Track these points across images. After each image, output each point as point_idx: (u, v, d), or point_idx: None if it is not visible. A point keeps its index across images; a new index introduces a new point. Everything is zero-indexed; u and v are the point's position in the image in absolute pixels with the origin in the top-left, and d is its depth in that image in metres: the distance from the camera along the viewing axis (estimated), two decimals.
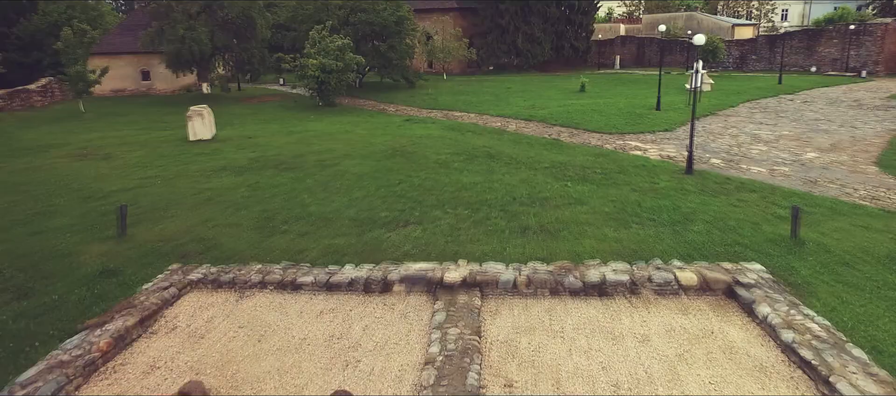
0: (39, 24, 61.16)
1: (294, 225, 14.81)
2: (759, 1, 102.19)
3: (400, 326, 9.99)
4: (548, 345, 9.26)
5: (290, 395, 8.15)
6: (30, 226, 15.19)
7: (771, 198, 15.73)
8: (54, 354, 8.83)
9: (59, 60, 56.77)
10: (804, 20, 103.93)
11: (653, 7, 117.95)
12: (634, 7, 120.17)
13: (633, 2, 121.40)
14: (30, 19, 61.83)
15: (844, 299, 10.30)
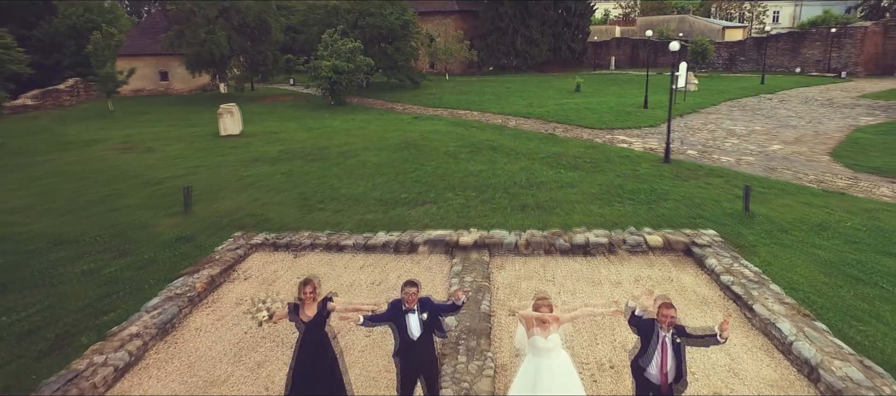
0: (59, 27, 63.73)
1: (329, 205, 17.59)
2: (751, 3, 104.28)
3: (426, 275, 12.75)
4: (542, 288, 12.02)
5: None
6: (105, 205, 17.95)
7: (733, 182, 18.49)
8: (165, 292, 11.60)
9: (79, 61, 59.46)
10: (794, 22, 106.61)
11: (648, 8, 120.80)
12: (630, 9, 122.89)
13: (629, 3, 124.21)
14: (50, 22, 64.37)
15: (777, 255, 13.10)
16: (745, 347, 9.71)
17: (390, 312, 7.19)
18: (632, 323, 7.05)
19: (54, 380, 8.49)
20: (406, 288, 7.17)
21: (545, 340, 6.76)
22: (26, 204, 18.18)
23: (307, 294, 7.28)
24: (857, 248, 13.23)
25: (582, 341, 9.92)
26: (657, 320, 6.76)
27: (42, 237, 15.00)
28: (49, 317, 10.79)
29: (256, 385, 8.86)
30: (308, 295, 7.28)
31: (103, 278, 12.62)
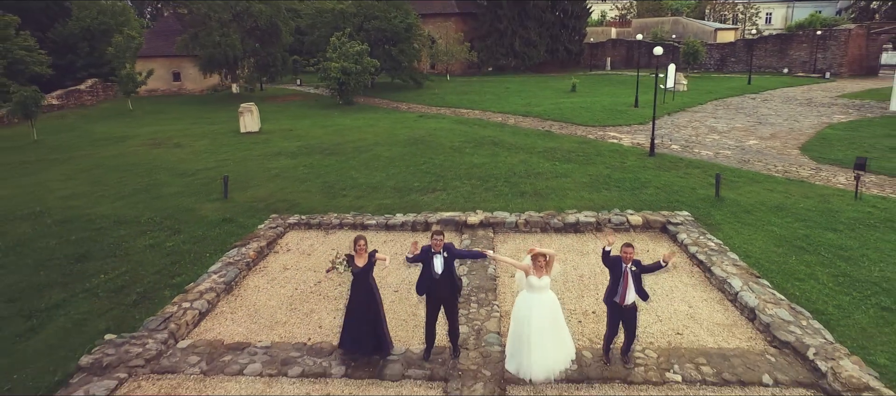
0: (73, 29, 65.90)
1: (350, 192, 19.88)
2: (744, 5, 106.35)
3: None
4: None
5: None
6: (150, 193, 20.23)
7: (709, 172, 20.75)
8: (223, 259, 13.89)
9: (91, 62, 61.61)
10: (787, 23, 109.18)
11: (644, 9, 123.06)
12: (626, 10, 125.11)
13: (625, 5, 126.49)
14: (64, 24, 66.52)
15: (739, 231, 15.40)
16: (703, 300, 12.00)
17: (423, 254, 9.46)
18: (604, 258, 9.36)
19: (154, 319, 10.80)
20: (435, 236, 9.46)
21: (538, 280, 9.03)
22: (81, 192, 20.46)
23: (360, 246, 9.56)
24: (806, 225, 15.53)
25: (571, 296, 12.19)
26: (621, 257, 9.08)
27: (105, 218, 17.28)
28: (131, 279, 13.10)
29: (310, 327, 11.14)
30: (361, 247, 9.56)
31: (166, 250, 14.91)
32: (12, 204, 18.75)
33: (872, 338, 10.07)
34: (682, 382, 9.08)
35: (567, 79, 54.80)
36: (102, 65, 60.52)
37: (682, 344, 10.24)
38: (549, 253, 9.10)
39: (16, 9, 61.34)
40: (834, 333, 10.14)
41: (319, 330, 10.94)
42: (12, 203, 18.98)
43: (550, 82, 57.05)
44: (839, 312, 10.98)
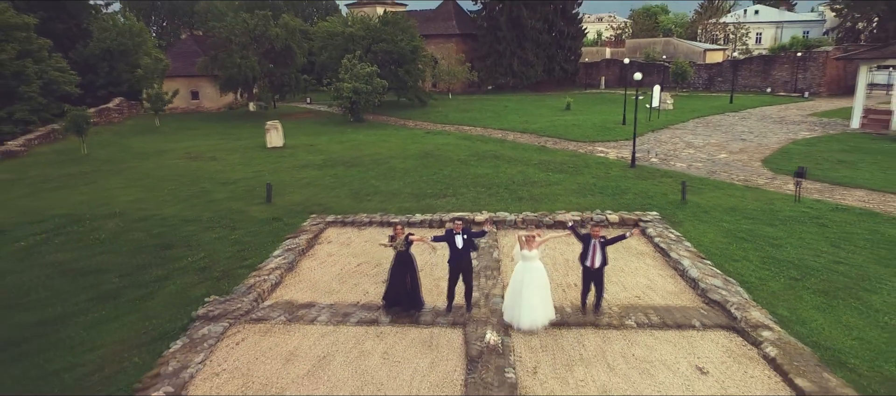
0: (94, 49, 69.43)
1: (374, 197, 23.41)
2: (734, 25, 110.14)
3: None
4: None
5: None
6: (202, 198, 23.74)
7: (680, 180, 24.25)
8: (281, 248, 17.38)
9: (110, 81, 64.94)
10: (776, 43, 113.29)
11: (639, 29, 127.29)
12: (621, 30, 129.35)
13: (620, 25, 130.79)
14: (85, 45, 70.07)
15: (696, 226, 18.92)
16: (660, 275, 15.49)
17: (446, 235, 12.96)
18: (578, 236, 12.89)
19: (240, 287, 14.31)
20: (455, 220, 12.99)
21: (529, 253, 12.51)
22: (143, 197, 23.96)
23: (398, 229, 13.09)
24: (751, 222, 19.07)
25: (559, 274, 15.66)
26: (591, 234, 12.61)
27: (173, 217, 20.80)
28: (211, 261, 16.60)
29: (357, 294, 14.59)
30: (399, 230, 13.08)
31: (231, 241, 18.41)
32: (92, 207, 22.23)
33: (779, 298, 13.56)
34: (635, 326, 12.56)
35: (562, 98, 58.38)
36: (121, 83, 64.05)
37: (639, 304, 13.74)
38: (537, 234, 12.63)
39: (41, 31, 65.02)
40: (752, 295, 13.63)
41: (365, 296, 14.40)
42: (91, 205, 22.47)
43: (547, 101, 60.75)
44: (759, 281, 14.48)
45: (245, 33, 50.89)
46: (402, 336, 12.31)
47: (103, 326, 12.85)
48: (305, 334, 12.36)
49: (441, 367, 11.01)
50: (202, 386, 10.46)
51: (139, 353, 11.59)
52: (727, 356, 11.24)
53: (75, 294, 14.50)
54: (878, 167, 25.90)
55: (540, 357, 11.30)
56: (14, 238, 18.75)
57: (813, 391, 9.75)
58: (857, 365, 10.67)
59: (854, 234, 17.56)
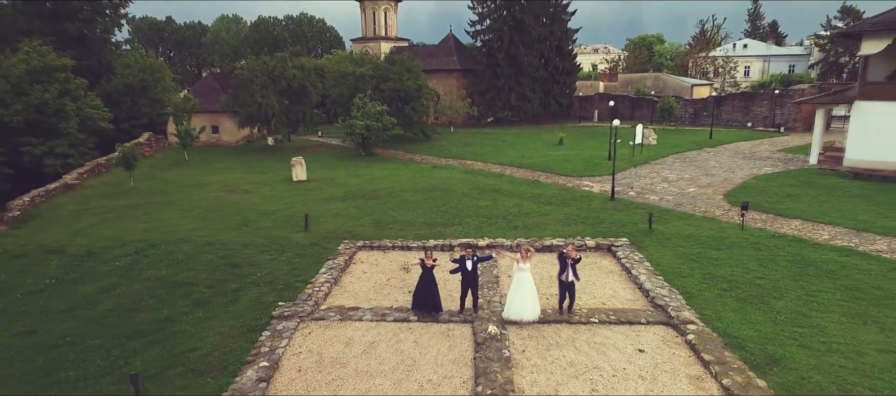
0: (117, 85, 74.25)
1: (393, 226, 27.99)
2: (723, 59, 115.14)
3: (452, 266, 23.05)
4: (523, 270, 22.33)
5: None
6: (249, 227, 28.30)
7: (649, 211, 28.85)
8: (325, 266, 21.93)
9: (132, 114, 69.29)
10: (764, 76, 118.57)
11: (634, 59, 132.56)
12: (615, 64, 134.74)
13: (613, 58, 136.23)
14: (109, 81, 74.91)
15: (658, 250, 23.48)
16: (623, 288, 20.03)
17: (459, 260, 17.53)
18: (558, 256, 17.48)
19: (301, 296, 18.85)
20: (466, 249, 17.61)
21: (523, 265, 17.07)
22: (197, 225, 28.54)
23: (427, 254, 17.68)
24: (701, 246, 23.65)
25: (544, 286, 20.16)
26: (566, 254, 17.19)
27: (231, 243, 25.35)
28: (272, 277, 21.13)
29: (390, 301, 19.07)
30: (428, 254, 17.67)
31: (283, 262, 22.96)
32: (161, 234, 26.79)
33: (708, 303, 18.10)
34: (598, 322, 17.08)
35: (556, 132, 63.20)
36: (141, 117, 68.94)
37: (603, 308, 18.27)
38: (530, 248, 17.23)
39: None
40: (689, 302, 18.14)
41: (396, 302, 18.89)
42: (160, 233, 27.02)
43: (542, 134, 65.57)
44: (697, 292, 19.02)
45: (265, 74, 55.76)
46: (426, 329, 16.82)
47: (205, 323, 17.39)
48: (356, 328, 16.87)
49: (457, 349, 15.52)
50: (290, 361, 14.98)
51: (238, 341, 16.10)
52: (661, 342, 15.77)
53: (176, 301, 19.07)
54: (817, 200, 30.55)
55: (527, 343, 15.81)
56: (108, 258, 23.32)
57: (712, 361, 14.27)
58: (751, 347, 15.18)
59: (779, 256, 22.15)
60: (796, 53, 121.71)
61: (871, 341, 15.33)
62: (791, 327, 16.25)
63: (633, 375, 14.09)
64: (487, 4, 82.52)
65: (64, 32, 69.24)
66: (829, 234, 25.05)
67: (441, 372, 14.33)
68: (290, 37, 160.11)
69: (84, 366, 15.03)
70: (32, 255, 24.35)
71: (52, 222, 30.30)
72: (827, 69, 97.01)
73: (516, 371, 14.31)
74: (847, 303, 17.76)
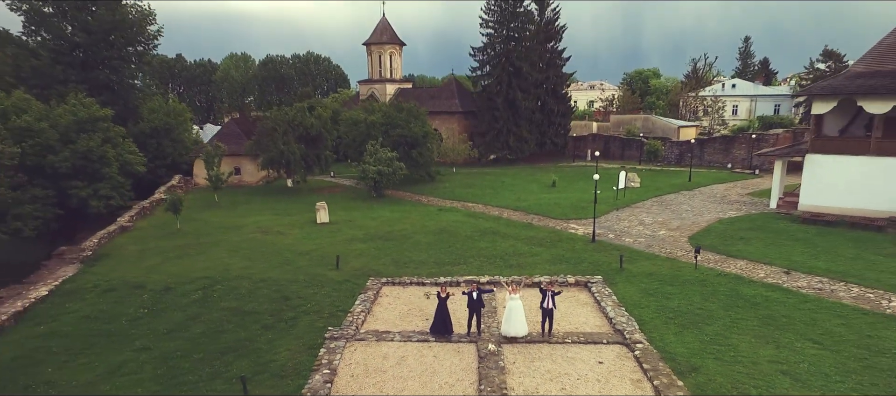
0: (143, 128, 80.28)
1: (409, 265, 33.73)
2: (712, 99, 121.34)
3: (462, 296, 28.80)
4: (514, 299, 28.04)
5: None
6: (290, 265, 34.02)
7: (622, 252, 34.57)
8: (358, 299, 27.66)
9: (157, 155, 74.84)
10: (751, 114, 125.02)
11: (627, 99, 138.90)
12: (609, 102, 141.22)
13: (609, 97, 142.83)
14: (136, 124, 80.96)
15: (625, 287, 29.20)
16: (593, 316, 25.74)
17: (468, 293, 23.31)
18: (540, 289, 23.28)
19: (344, 322, 24.58)
20: (472, 284, 23.41)
21: (514, 296, 22.84)
22: (246, 264, 34.26)
23: (443, 288, 23.47)
24: (660, 283, 29.40)
25: (532, 313, 25.85)
26: (545, 287, 22.98)
27: (279, 279, 31.06)
28: (318, 307, 26.85)
29: (414, 326, 24.76)
30: (444, 288, 23.46)
31: (324, 295, 28.69)
32: (219, 271, 32.54)
33: (656, 329, 23.80)
34: (570, 342, 22.80)
35: (550, 173, 69.21)
36: (165, 157, 75.03)
37: (576, 332, 23.98)
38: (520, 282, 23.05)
39: None
40: (641, 327, 23.84)
41: (418, 327, 24.60)
42: (217, 270, 32.77)
43: (537, 175, 71.60)
44: (649, 319, 24.74)
45: (286, 123, 61.90)
46: (442, 347, 22.55)
47: (275, 342, 23.12)
48: (389, 346, 22.59)
49: (465, 361, 21.22)
50: (344, 369, 20.68)
51: (303, 355, 21.81)
52: (616, 356, 21.49)
53: (249, 325, 24.81)
54: (764, 243, 36.34)
55: (517, 357, 21.53)
56: (183, 292, 29.08)
57: (649, 369, 19.99)
58: (680, 359, 20.89)
59: (719, 291, 27.91)
60: (782, 94, 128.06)
61: (767, 355, 21.06)
62: (712, 345, 21.99)
63: (592, 379, 19.80)
64: (487, 52, 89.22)
65: (95, 80, 75.36)
66: (764, 273, 30.83)
67: (454, 378, 20.03)
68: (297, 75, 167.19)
69: (197, 373, 20.75)
70: (120, 290, 30.08)
71: (122, 261, 36.02)
72: (809, 109, 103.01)
73: (508, 376, 20.01)
74: (759, 328, 23.52)
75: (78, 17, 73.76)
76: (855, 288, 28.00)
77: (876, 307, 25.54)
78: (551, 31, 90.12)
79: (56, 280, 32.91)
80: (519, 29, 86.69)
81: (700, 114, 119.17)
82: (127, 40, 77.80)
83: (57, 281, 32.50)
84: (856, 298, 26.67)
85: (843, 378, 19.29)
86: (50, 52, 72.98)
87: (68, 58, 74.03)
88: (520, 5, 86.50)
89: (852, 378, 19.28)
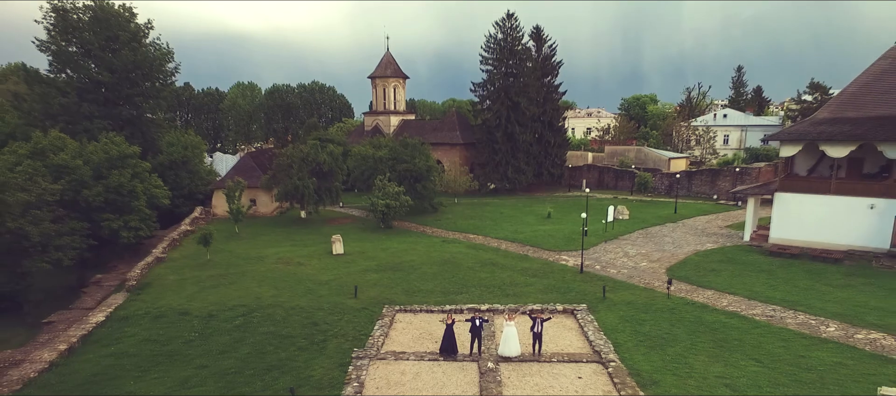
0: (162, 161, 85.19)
1: (418, 293, 38.45)
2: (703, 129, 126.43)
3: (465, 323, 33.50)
4: (510, 325, 32.71)
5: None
6: (314, 294, 38.72)
7: (606, 283, 39.22)
8: (377, 324, 32.37)
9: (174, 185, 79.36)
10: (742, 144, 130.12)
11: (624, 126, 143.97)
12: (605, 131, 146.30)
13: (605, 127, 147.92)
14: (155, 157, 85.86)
15: (606, 314, 33.90)
16: (577, 339, 30.43)
17: (472, 320, 28.06)
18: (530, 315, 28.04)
19: (367, 343, 29.29)
20: (475, 313, 28.18)
21: (509, 323, 27.59)
22: (275, 293, 38.93)
23: (449, 315, 28.23)
24: (637, 311, 34.09)
25: (524, 336, 30.52)
26: (533, 314, 27.74)
27: (306, 307, 35.73)
28: (342, 332, 31.56)
29: (425, 348, 29.46)
30: (448, 316, 28.21)
31: (346, 321, 33.37)
32: (251, 300, 37.20)
33: (628, 350, 28.48)
34: (556, 361, 27.49)
35: (547, 204, 74.06)
36: (182, 188, 79.93)
37: (562, 352, 28.67)
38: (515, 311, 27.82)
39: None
40: (616, 348, 28.53)
41: (429, 349, 29.27)
42: (249, 299, 37.42)
43: (534, 206, 76.52)
44: (624, 342, 29.40)
45: (300, 159, 66.89)
46: (449, 365, 27.25)
47: (311, 361, 27.82)
48: (405, 364, 27.29)
49: (468, 377, 25.89)
50: (370, 382, 25.35)
51: (335, 371, 26.50)
52: (592, 373, 26.18)
53: (287, 347, 29.52)
54: (732, 274, 41.09)
55: (511, 373, 26.22)
56: (225, 319, 33.78)
57: (619, 383, 24.68)
58: (644, 375, 25.57)
59: (685, 318, 32.63)
60: (771, 124, 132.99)
61: (716, 372, 25.77)
62: (672, 364, 26.71)
63: (572, 391, 24.51)
64: (487, 87, 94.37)
65: (118, 115, 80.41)
66: (727, 301, 35.56)
67: (460, 390, 24.72)
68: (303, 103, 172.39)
69: (250, 385, 25.44)
70: (169, 316, 34.80)
71: (164, 290, 40.73)
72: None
73: (504, 389, 24.71)
74: (714, 349, 28.24)
75: (102, 57, 78.71)
76: (801, 315, 32.72)
77: (815, 331, 30.27)
78: (548, 67, 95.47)
79: (108, 307, 37.66)
80: (517, 65, 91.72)
81: (692, 144, 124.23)
82: (147, 77, 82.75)
83: (110, 308, 37.24)
84: (800, 324, 31.39)
85: (773, 389, 24.00)
86: (75, 89, 77.76)
87: (93, 95, 78.79)
88: (518, 43, 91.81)
89: (780, 389, 23.99)
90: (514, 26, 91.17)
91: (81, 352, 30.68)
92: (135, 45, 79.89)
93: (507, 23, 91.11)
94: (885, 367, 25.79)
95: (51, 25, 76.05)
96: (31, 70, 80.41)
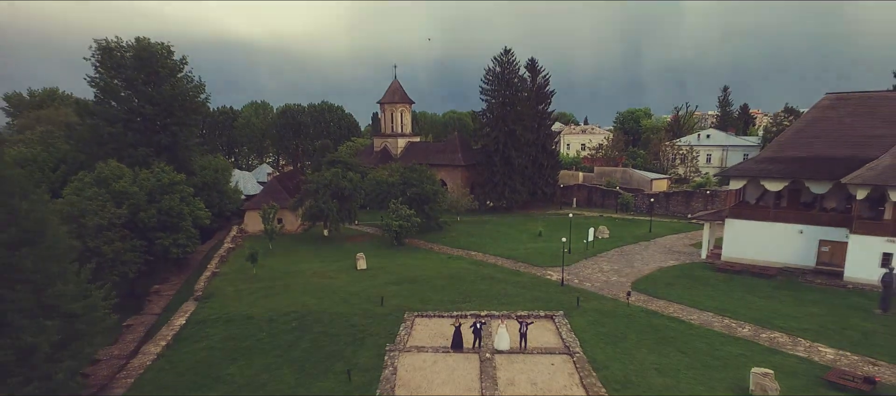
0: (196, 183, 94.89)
1: (431, 302, 48.34)
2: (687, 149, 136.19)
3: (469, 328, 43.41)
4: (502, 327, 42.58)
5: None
6: (349, 302, 48.58)
7: (580, 294, 49.03)
8: (402, 326, 42.31)
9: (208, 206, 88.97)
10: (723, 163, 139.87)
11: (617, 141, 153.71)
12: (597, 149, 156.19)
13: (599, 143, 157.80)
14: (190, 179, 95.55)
15: (579, 319, 43.77)
16: (553, 338, 40.30)
17: (474, 325, 38.03)
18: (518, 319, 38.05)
19: (396, 341, 39.26)
20: (477, 318, 38.23)
21: (503, 326, 37.55)
22: (317, 301, 48.75)
23: (457, 319, 38.20)
24: (602, 316, 43.95)
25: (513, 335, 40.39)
26: (520, 319, 37.73)
27: (346, 312, 45.59)
28: (376, 332, 41.43)
29: (438, 343, 39.33)
30: (457, 319, 38.18)
31: (378, 322, 43.24)
32: (299, 306, 47.03)
33: (590, 345, 38.33)
34: (536, 354, 37.41)
35: (538, 222, 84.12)
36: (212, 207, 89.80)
37: (541, 348, 38.58)
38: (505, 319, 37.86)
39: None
40: (582, 345, 38.41)
41: (443, 345, 39.13)
42: (298, 306, 47.26)
43: (528, 224, 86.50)
44: (587, 339, 39.25)
45: (325, 186, 76.94)
46: (458, 356, 37.15)
47: (356, 353, 37.70)
48: (426, 356, 37.19)
49: (472, 364, 35.79)
50: (401, 368, 35.22)
51: (374, 360, 36.39)
52: (562, 361, 36.09)
53: (335, 343, 39.41)
54: (684, 287, 50.96)
55: (503, 362, 36.12)
56: (283, 322, 43.66)
57: (580, 367, 34.63)
58: (599, 362, 35.47)
59: (638, 322, 42.48)
60: (750, 144, 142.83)
61: (651, 360, 35.67)
62: (621, 355, 36.62)
63: (546, 373, 34.44)
64: (487, 115, 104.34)
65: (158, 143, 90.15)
66: (674, 309, 45.46)
67: (466, 372, 34.66)
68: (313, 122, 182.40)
69: (315, 368, 35.34)
70: (237, 320, 44.69)
71: (226, 299, 50.63)
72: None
73: (498, 371, 34.64)
74: (654, 345, 38.11)
75: (144, 91, 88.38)
76: (726, 319, 42.66)
77: (732, 332, 40.21)
78: (541, 95, 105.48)
79: (185, 313, 47.58)
80: (513, 96, 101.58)
81: (677, 163, 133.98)
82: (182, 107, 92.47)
83: (187, 314, 47.18)
84: (724, 327, 41.31)
85: (687, 370, 33.96)
86: (121, 120, 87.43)
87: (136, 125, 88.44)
88: (514, 76, 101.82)
89: (692, 371, 33.95)
90: (511, 60, 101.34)
91: (176, 348, 40.57)
92: (173, 79, 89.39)
93: (504, 57, 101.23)
94: (773, 357, 35.70)
95: (98, 62, 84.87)
96: (82, 102, 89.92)
